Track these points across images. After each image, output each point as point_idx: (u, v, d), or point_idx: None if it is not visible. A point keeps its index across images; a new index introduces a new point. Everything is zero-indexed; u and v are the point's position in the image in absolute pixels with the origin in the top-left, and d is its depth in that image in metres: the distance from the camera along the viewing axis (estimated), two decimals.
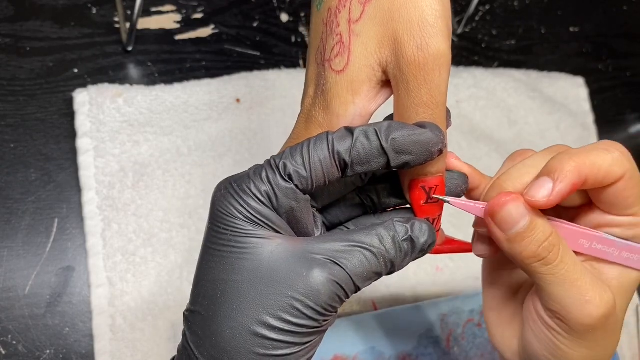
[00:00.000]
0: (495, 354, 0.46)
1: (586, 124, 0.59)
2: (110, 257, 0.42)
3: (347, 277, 0.23)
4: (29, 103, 0.44)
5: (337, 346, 0.42)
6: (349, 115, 0.25)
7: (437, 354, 0.44)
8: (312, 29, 0.28)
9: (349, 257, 0.23)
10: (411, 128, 0.23)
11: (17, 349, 0.39)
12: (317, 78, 0.27)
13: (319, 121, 0.26)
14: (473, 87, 0.55)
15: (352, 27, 0.25)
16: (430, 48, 0.23)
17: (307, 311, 0.23)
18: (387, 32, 0.24)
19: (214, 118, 0.47)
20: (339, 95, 0.25)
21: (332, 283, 0.23)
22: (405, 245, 0.24)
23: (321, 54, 0.27)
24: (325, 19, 0.26)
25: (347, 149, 0.23)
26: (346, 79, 0.25)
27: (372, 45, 0.25)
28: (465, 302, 0.45)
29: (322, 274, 0.23)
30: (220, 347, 0.23)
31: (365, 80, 0.25)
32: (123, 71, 0.47)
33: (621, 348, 0.51)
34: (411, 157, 0.23)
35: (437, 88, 0.24)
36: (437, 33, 0.23)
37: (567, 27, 0.63)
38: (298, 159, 0.23)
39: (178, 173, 0.45)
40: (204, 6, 0.51)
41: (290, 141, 0.28)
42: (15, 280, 0.41)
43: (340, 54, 0.25)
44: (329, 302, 0.23)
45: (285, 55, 0.52)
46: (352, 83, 0.25)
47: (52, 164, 0.44)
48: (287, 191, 0.23)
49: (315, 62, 0.27)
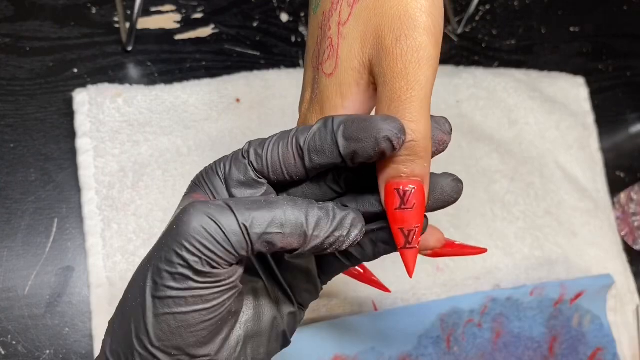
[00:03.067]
0: (495, 354, 0.46)
1: (586, 124, 0.59)
2: (110, 257, 0.42)
3: (233, 220, 0.21)
4: (28, 103, 0.44)
5: (337, 346, 0.42)
6: None
7: (437, 354, 0.44)
8: (309, 32, 0.28)
9: (252, 205, 0.21)
10: (363, 117, 0.22)
11: (16, 349, 0.39)
12: (312, 82, 0.27)
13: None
14: (473, 87, 0.55)
15: (341, 30, 0.25)
16: (409, 40, 0.23)
17: (183, 258, 0.20)
18: (370, 29, 0.24)
19: (214, 118, 0.47)
20: (329, 99, 0.25)
21: (207, 222, 0.20)
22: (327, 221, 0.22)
23: (316, 57, 0.27)
24: (320, 23, 0.26)
25: (305, 136, 0.23)
26: (335, 82, 0.25)
27: (356, 46, 0.24)
28: (465, 302, 0.45)
29: (199, 212, 0.21)
30: (126, 313, 0.22)
31: (352, 83, 0.25)
32: (123, 71, 0.47)
33: (621, 348, 0.50)
34: (358, 144, 0.22)
35: (415, 81, 0.22)
36: (419, 26, 0.23)
37: (567, 27, 0.63)
38: (261, 142, 0.24)
39: (178, 173, 0.45)
40: (204, 6, 0.51)
41: None
42: (15, 280, 0.41)
43: (330, 58, 0.25)
44: (206, 244, 0.20)
45: (285, 55, 0.52)
46: (341, 86, 0.25)
47: (52, 163, 0.44)
48: (239, 165, 0.23)
49: (312, 66, 0.27)
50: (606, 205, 0.56)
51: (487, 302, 0.46)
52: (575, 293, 0.48)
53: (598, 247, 0.54)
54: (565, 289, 0.48)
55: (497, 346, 0.46)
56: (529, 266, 0.51)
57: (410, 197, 0.23)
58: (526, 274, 0.50)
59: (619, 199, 0.57)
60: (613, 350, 0.49)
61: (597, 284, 0.49)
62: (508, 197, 0.53)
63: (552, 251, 0.52)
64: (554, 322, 0.48)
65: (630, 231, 0.55)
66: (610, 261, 0.54)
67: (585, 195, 0.55)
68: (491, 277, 0.49)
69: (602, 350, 0.49)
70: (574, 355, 0.48)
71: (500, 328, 0.46)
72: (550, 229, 0.53)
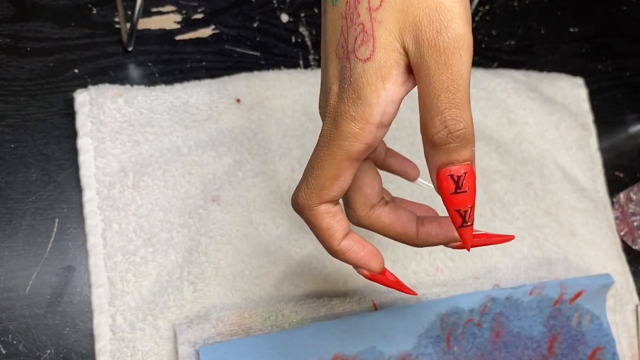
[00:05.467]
0: (495, 354, 0.46)
1: (586, 124, 0.59)
2: (111, 256, 0.42)
3: None
4: (29, 103, 0.45)
5: (337, 346, 0.42)
6: (382, 102, 0.25)
7: (437, 354, 0.44)
8: (328, 25, 0.27)
9: None
10: None
11: (17, 349, 0.39)
12: (340, 74, 0.27)
13: (351, 115, 0.26)
14: (473, 87, 0.55)
15: (373, 15, 0.25)
16: (449, 31, 0.24)
17: None
18: (408, 18, 0.24)
19: (214, 118, 0.47)
20: (369, 84, 0.25)
21: None
22: None
23: (342, 47, 0.26)
24: (343, 12, 0.26)
25: None
26: (374, 65, 0.25)
27: (395, 30, 0.25)
28: (465, 302, 0.46)
29: None
30: None
31: (393, 64, 0.25)
32: (123, 71, 0.47)
33: (621, 348, 0.51)
34: None
35: (458, 72, 0.24)
36: (456, 16, 0.24)
37: (567, 27, 0.63)
38: None
39: (178, 173, 0.45)
40: (204, 6, 0.51)
41: (321, 144, 0.27)
42: (15, 280, 0.41)
43: (364, 43, 0.25)
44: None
45: (285, 56, 0.52)
46: (381, 69, 0.25)
47: (53, 164, 0.44)
48: None
49: (337, 58, 0.27)
50: (605, 205, 0.56)
51: (486, 301, 0.46)
52: (574, 292, 0.49)
53: (597, 247, 0.54)
54: (565, 288, 0.48)
55: (496, 345, 0.46)
56: (528, 266, 0.51)
57: (464, 181, 0.25)
58: (525, 273, 0.50)
59: (618, 199, 0.57)
60: (612, 349, 0.49)
61: (596, 284, 0.49)
62: (507, 197, 0.53)
63: (552, 251, 0.52)
64: (554, 322, 0.48)
65: (629, 231, 0.55)
66: (609, 261, 0.54)
67: (585, 195, 0.55)
68: (491, 276, 0.50)
69: (601, 349, 0.49)
70: (573, 354, 0.48)
71: (500, 327, 0.46)
72: (550, 229, 0.53)
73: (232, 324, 0.41)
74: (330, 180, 0.27)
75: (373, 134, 0.26)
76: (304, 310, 0.43)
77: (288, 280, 0.45)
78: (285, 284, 0.45)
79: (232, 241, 0.45)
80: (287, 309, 0.43)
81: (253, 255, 0.45)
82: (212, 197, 0.45)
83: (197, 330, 0.40)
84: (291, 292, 0.44)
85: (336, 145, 0.26)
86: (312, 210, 0.29)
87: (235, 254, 0.44)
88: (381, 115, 0.26)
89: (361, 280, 0.46)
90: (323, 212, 0.29)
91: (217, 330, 0.41)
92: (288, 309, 0.43)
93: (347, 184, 0.28)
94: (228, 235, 0.45)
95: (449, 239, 0.31)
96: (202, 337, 0.40)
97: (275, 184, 0.47)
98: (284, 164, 0.48)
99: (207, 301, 0.43)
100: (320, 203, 0.28)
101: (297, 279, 0.45)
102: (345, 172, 0.27)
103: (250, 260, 0.45)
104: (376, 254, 0.31)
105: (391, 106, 0.26)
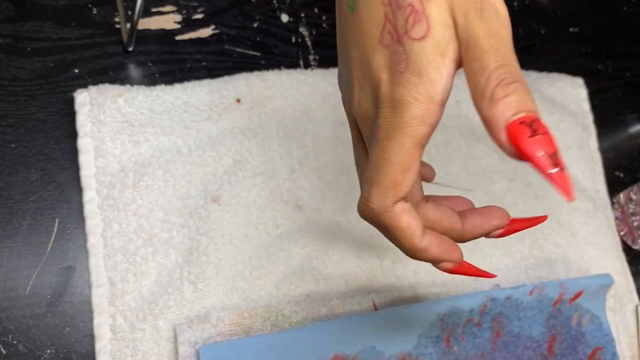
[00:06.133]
0: (495, 354, 0.46)
1: (586, 124, 0.59)
2: (111, 256, 0.42)
3: None
4: (29, 103, 0.45)
5: (337, 346, 0.42)
6: (444, 78, 0.25)
7: (437, 354, 0.44)
8: (366, 18, 0.27)
9: None
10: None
11: (17, 349, 0.39)
12: (390, 60, 0.26)
13: (413, 96, 0.25)
14: None
15: None
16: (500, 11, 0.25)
17: None
18: None
19: (214, 118, 0.47)
20: (429, 62, 0.25)
21: None
22: None
23: (390, 33, 0.26)
24: (385, 0, 0.26)
25: None
26: (431, 42, 0.25)
27: (444, 5, 0.25)
28: (465, 302, 0.46)
29: None
30: None
31: (450, 39, 0.25)
32: (123, 71, 0.47)
33: (621, 348, 0.51)
34: None
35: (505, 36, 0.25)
36: None
37: (566, 27, 0.63)
38: None
39: (178, 173, 0.45)
40: (205, 6, 0.51)
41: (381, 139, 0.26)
42: (15, 280, 0.41)
43: (417, 22, 0.25)
44: None
45: (285, 56, 0.52)
46: (439, 45, 0.25)
47: (53, 164, 0.44)
48: None
49: (383, 47, 0.27)
50: (605, 205, 0.56)
51: (486, 301, 0.46)
52: (574, 292, 0.49)
53: (597, 247, 0.54)
54: (565, 288, 0.48)
55: (496, 345, 0.46)
56: (528, 266, 0.51)
57: (537, 124, 0.24)
58: (525, 273, 0.51)
59: (618, 199, 0.57)
60: (612, 349, 0.49)
61: (596, 284, 0.49)
62: (508, 197, 0.53)
63: (552, 251, 0.52)
64: (554, 322, 0.48)
65: (629, 231, 0.55)
66: (609, 261, 0.54)
67: (585, 195, 0.55)
68: None
69: (601, 349, 0.49)
70: (573, 354, 0.48)
71: (500, 327, 0.46)
72: (550, 229, 0.53)
73: (232, 324, 0.41)
74: (402, 174, 0.26)
75: (437, 113, 0.26)
76: (304, 310, 0.43)
77: (288, 280, 0.45)
78: (285, 284, 0.45)
79: (232, 241, 0.45)
80: (287, 309, 0.43)
81: (253, 255, 0.45)
82: (212, 197, 0.45)
83: (197, 330, 0.40)
84: (291, 292, 0.44)
85: (401, 133, 0.26)
86: (389, 212, 0.27)
87: (235, 254, 0.44)
88: (442, 93, 0.25)
89: (361, 280, 0.46)
90: (400, 212, 0.27)
91: (217, 330, 0.41)
92: (288, 309, 0.43)
93: (416, 175, 0.27)
94: (228, 235, 0.45)
95: (493, 227, 0.31)
96: (202, 337, 0.40)
97: (275, 184, 0.47)
98: (284, 164, 0.48)
99: (207, 301, 0.43)
100: (395, 202, 0.27)
101: (297, 279, 0.45)
102: (415, 161, 0.26)
103: (250, 260, 0.45)
104: (454, 243, 0.30)
105: (449, 83, 0.26)
